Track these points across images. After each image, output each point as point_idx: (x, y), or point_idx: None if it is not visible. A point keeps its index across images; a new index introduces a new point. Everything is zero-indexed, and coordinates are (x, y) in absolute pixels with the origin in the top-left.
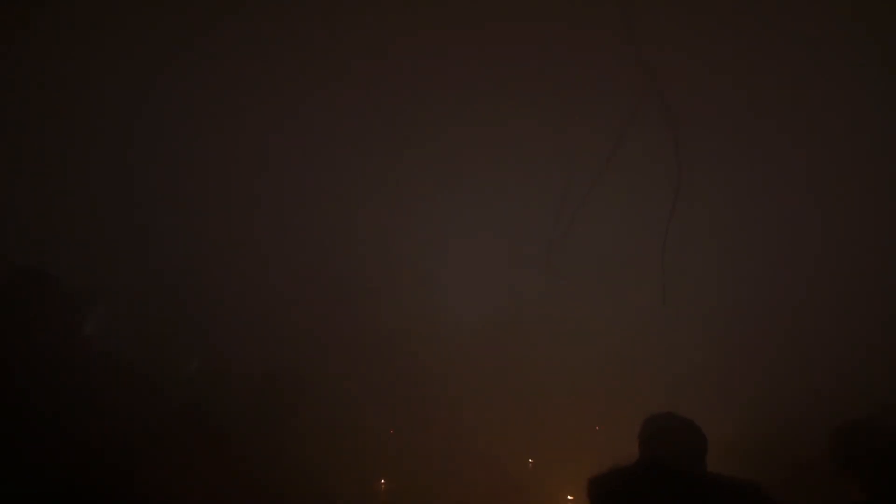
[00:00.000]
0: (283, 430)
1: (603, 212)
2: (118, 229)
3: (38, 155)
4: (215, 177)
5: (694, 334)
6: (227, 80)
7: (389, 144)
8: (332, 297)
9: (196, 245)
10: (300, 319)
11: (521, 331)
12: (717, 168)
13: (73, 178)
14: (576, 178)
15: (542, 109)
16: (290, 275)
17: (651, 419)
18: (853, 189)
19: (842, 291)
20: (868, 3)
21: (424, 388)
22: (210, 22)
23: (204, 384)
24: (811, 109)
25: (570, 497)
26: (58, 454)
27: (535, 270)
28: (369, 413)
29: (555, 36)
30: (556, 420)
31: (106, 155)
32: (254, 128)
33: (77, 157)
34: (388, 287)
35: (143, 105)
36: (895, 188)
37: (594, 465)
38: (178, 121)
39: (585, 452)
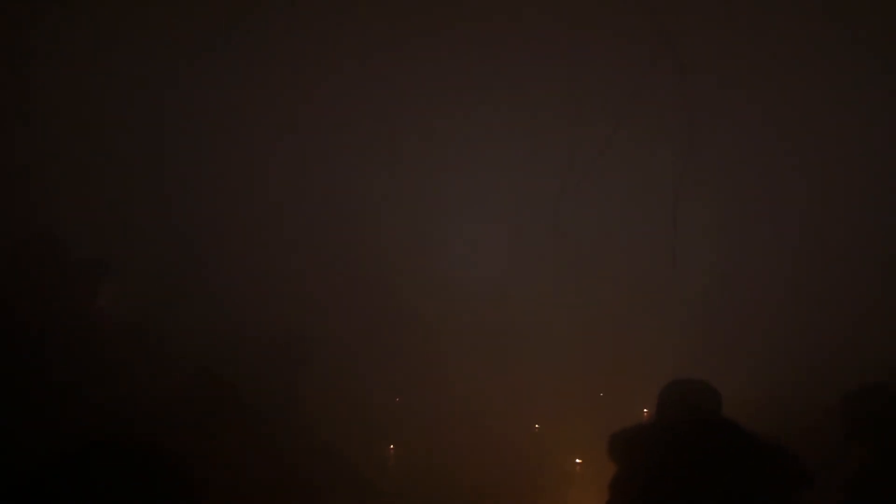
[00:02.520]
0: (294, 395)
1: (612, 180)
2: (131, 198)
3: (50, 119)
4: (233, 149)
5: (703, 301)
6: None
7: (399, 113)
8: (341, 266)
9: (209, 214)
10: (310, 287)
11: (526, 297)
12: (728, 130)
13: (88, 147)
14: (583, 148)
15: (550, 77)
16: (300, 241)
17: (667, 386)
18: (858, 174)
19: (847, 272)
20: None
21: (431, 356)
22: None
23: (217, 349)
24: (826, 81)
25: (578, 461)
26: (74, 420)
27: (542, 234)
28: (377, 380)
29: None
30: (561, 386)
31: (123, 125)
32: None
33: (93, 125)
34: (397, 256)
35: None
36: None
37: (600, 430)
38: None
39: (591, 417)
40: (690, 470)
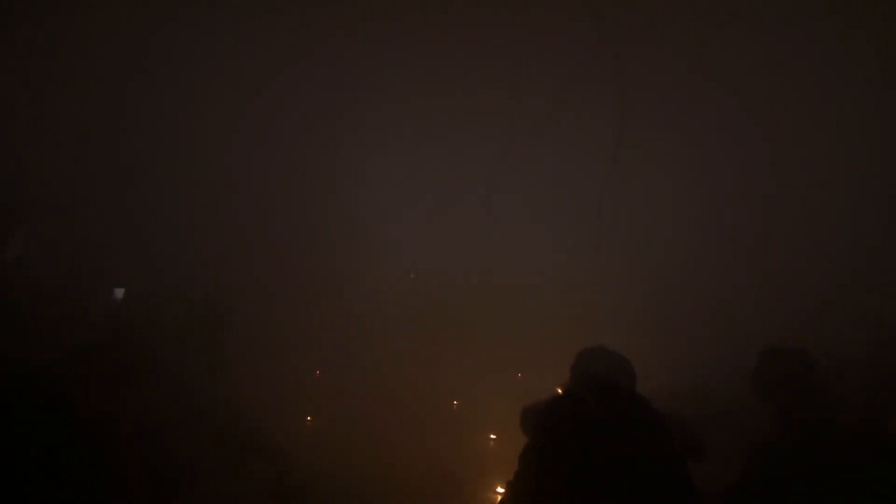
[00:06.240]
0: (213, 359)
1: (543, 160)
2: (45, 145)
3: None
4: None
5: (621, 287)
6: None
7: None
8: (270, 236)
9: (129, 168)
10: (237, 254)
11: (452, 279)
12: (659, 118)
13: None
14: (518, 125)
15: (489, 61)
16: (227, 204)
17: (584, 352)
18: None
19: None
20: None
21: (354, 333)
22: None
23: (132, 310)
24: (757, 72)
25: (492, 436)
26: None
27: (472, 218)
28: (297, 353)
29: None
30: (480, 365)
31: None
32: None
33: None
34: (329, 234)
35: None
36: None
37: (516, 408)
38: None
39: (508, 396)
40: (594, 440)
